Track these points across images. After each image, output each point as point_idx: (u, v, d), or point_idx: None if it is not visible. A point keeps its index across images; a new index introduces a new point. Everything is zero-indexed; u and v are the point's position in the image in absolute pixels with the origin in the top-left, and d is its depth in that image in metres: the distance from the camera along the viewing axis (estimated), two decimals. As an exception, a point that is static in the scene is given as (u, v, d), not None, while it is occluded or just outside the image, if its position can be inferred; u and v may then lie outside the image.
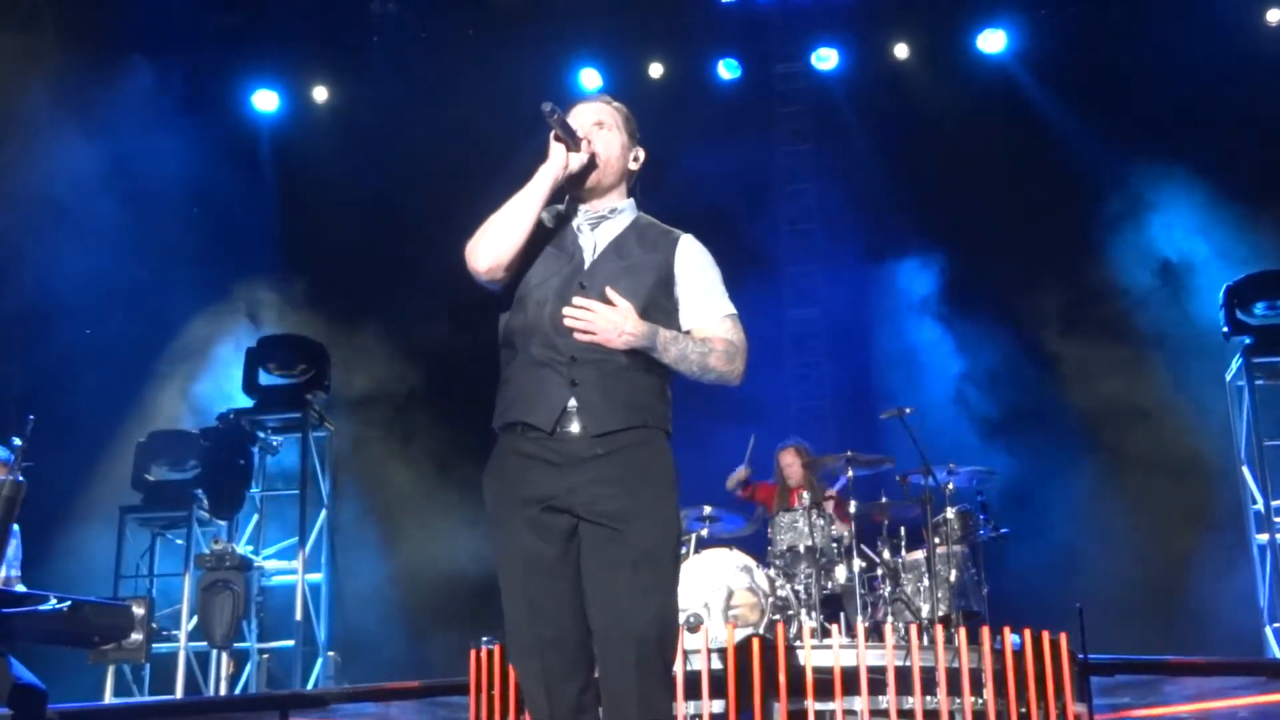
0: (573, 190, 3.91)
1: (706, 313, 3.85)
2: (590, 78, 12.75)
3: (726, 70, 12.87)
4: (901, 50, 12.55)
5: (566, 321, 3.67)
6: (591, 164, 3.86)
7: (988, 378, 11.18)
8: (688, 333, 3.83)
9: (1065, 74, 12.03)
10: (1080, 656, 7.21)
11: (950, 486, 7.99)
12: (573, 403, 3.67)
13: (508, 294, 3.84)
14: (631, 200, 4.00)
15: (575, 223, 3.91)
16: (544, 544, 3.65)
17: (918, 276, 11.80)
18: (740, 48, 12.88)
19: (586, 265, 3.82)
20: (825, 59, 12.79)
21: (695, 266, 3.89)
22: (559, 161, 3.81)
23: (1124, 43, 11.58)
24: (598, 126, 3.90)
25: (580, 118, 3.90)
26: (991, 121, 12.01)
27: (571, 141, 3.80)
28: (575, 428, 3.67)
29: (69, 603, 5.40)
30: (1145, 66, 11.25)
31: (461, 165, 11.94)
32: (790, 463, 9.06)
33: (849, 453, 8.05)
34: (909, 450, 7.83)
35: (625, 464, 3.66)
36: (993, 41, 12.33)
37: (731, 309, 3.89)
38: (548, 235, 3.87)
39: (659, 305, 3.79)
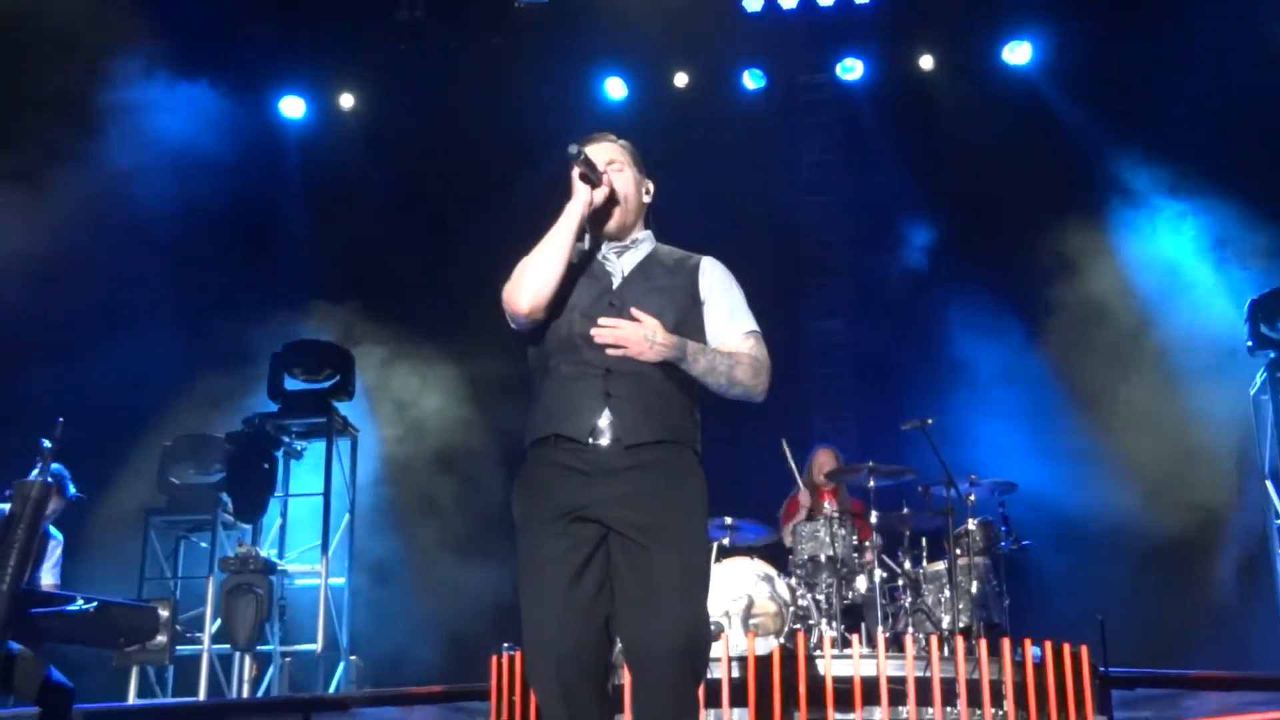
0: (596, 227, 4.00)
1: (731, 330, 3.92)
2: (615, 87, 12.78)
3: (752, 80, 12.88)
4: (927, 61, 12.55)
5: (597, 336, 3.72)
6: (613, 200, 3.97)
7: (1011, 390, 11.16)
8: (714, 348, 3.88)
9: (1091, 86, 11.99)
10: (1101, 669, 7.21)
11: (972, 498, 8.00)
12: (606, 414, 3.73)
13: (541, 328, 3.92)
14: (649, 231, 4.10)
15: (600, 254, 4.02)
16: (571, 554, 3.68)
17: (941, 288, 11.80)
18: (766, 58, 12.88)
19: (615, 286, 3.89)
20: (851, 69, 12.79)
21: (719, 287, 3.97)
22: (584, 198, 3.91)
23: (1150, 54, 11.54)
24: (612, 167, 3.98)
25: (593, 158, 3.98)
26: (1017, 133, 11.98)
27: (595, 178, 3.90)
28: (608, 439, 3.71)
29: (96, 604, 5.45)
30: (1172, 78, 11.20)
31: (487, 173, 12.02)
32: (824, 463, 9.13)
33: (870, 464, 8.06)
34: (931, 461, 7.84)
35: (657, 476, 3.70)
36: (1018, 54, 12.33)
37: (755, 326, 3.97)
38: (576, 267, 3.96)
39: (686, 322, 3.87)
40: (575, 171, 3.91)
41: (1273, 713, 8.38)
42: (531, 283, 3.84)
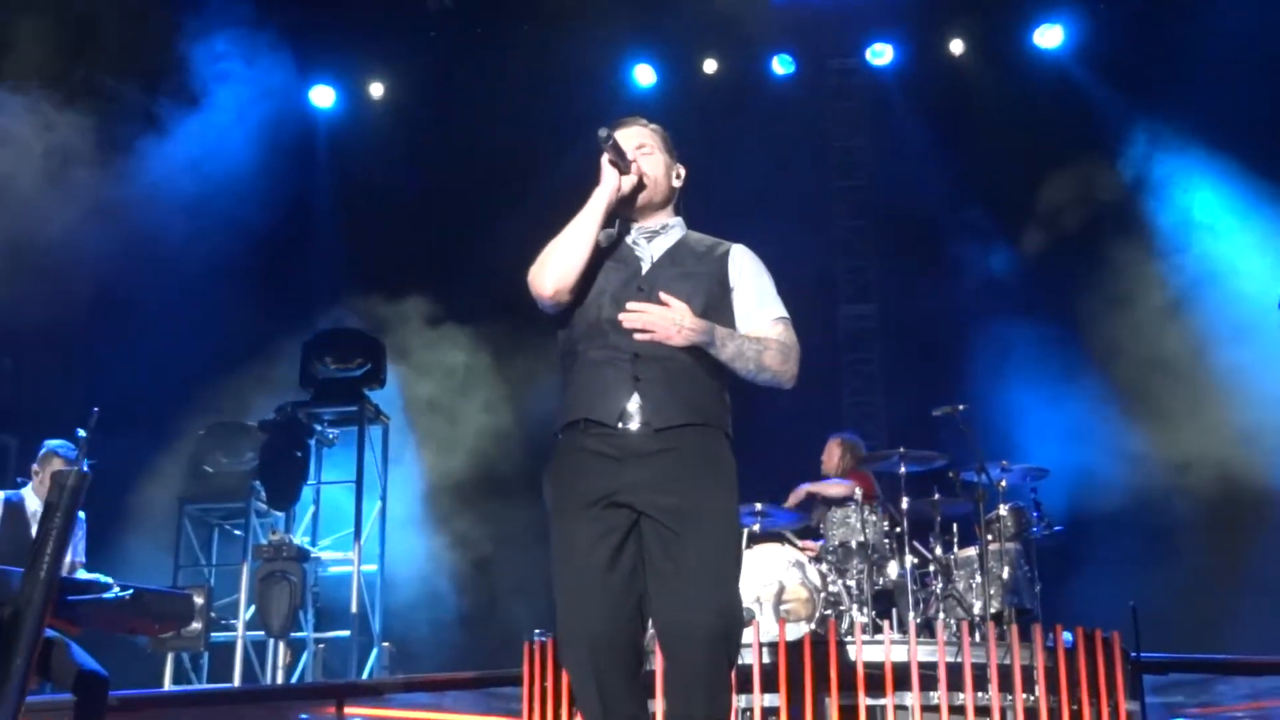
0: (624, 211, 4.00)
1: (760, 316, 3.92)
2: (645, 74, 12.79)
3: (781, 66, 12.87)
4: (957, 46, 12.51)
5: (625, 321, 3.72)
6: (641, 184, 3.96)
7: (1044, 374, 11.12)
8: (742, 333, 3.88)
9: (1124, 69, 11.91)
10: (1133, 655, 7.19)
11: (1003, 483, 7.96)
12: (635, 398, 3.73)
13: (569, 312, 3.92)
14: (680, 218, 4.09)
15: (630, 239, 4.01)
16: (603, 540, 3.69)
17: (973, 273, 11.76)
18: (795, 43, 12.87)
19: (644, 272, 3.90)
20: (880, 55, 12.77)
21: (748, 273, 3.97)
22: (612, 184, 3.91)
23: (1183, 36, 11.46)
24: (642, 151, 3.98)
25: (623, 143, 3.97)
26: (1049, 117, 11.94)
27: (623, 164, 3.89)
28: (637, 423, 3.72)
29: (131, 590, 5.50)
30: (1204, 60, 11.12)
31: (517, 160, 12.03)
32: (831, 454, 9.13)
33: (901, 449, 8.04)
34: (962, 447, 7.82)
35: (687, 460, 3.71)
36: (1050, 37, 12.28)
37: (784, 312, 3.96)
38: (605, 252, 3.95)
39: (715, 308, 3.87)
40: (604, 157, 3.91)
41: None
42: (556, 266, 3.84)
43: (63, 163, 9.90)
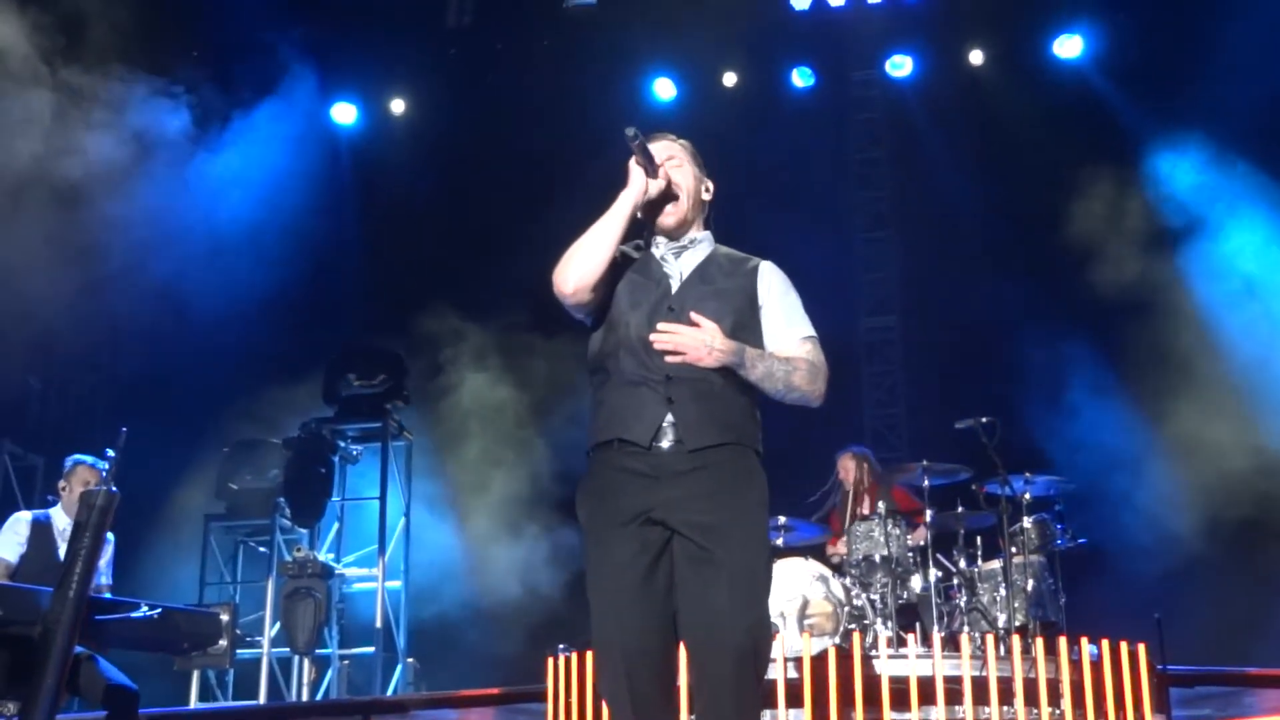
0: (650, 218, 4.01)
1: (788, 335, 3.94)
2: (664, 87, 12.82)
3: (800, 78, 12.88)
4: (977, 57, 12.50)
5: (656, 343, 3.74)
6: (670, 194, 3.98)
7: (1067, 386, 11.09)
8: (771, 353, 3.89)
9: (1143, 80, 11.88)
10: (1160, 667, 7.17)
11: (1027, 496, 7.95)
12: (669, 418, 3.75)
13: (596, 320, 3.94)
14: (709, 232, 4.10)
15: (659, 254, 4.02)
16: (637, 558, 3.71)
17: (995, 284, 11.73)
18: (814, 56, 12.88)
19: (674, 290, 3.91)
20: (900, 66, 12.78)
21: (777, 291, 3.99)
22: (639, 186, 3.92)
23: (1203, 46, 11.44)
24: (671, 163, 4.00)
25: (653, 154, 3.97)
26: (1068, 127, 11.91)
27: (650, 167, 3.90)
28: (670, 441, 3.74)
29: (159, 610, 5.52)
30: (1224, 70, 11.09)
31: (537, 175, 12.06)
32: (846, 469, 9.13)
33: (925, 462, 8.03)
34: (985, 459, 7.80)
35: (719, 478, 3.73)
36: (1069, 47, 12.26)
37: (812, 331, 3.97)
38: (633, 266, 3.97)
39: (744, 326, 3.89)
40: (631, 159, 3.91)
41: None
42: (578, 265, 3.85)
43: (85, 182, 9.95)
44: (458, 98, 13.00)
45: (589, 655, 7.07)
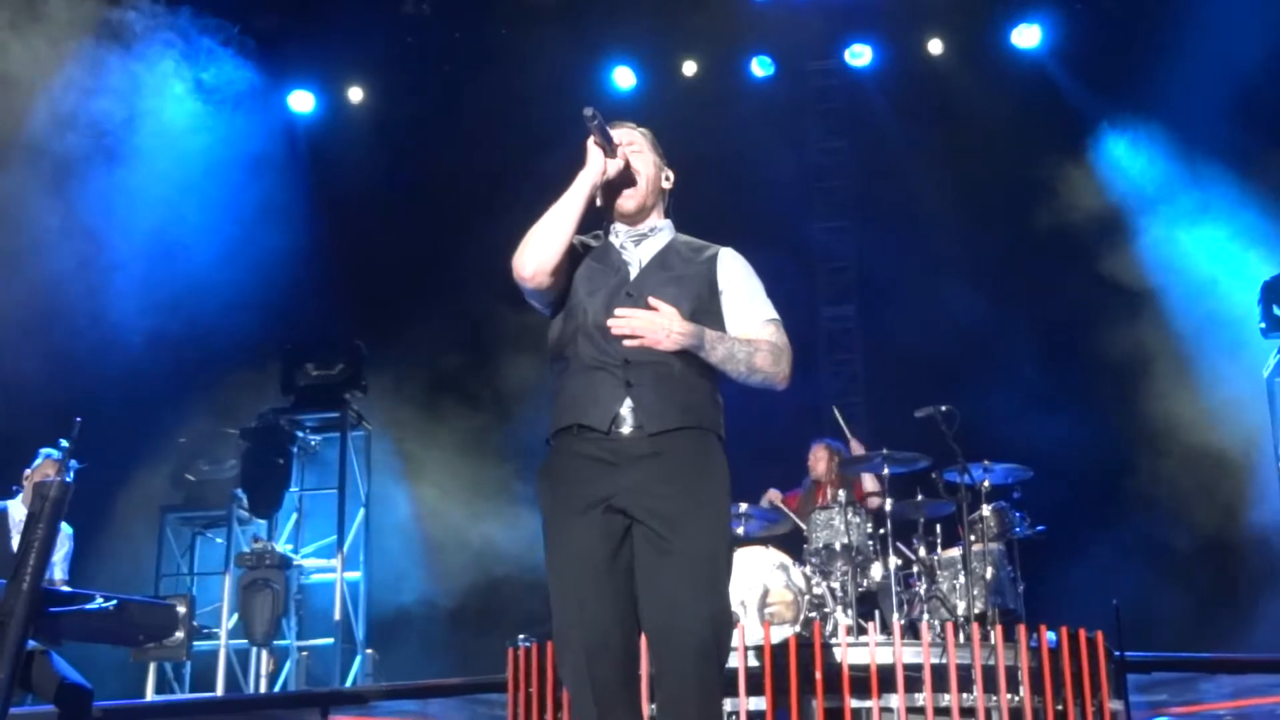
0: (610, 202, 3.99)
1: (750, 318, 3.92)
2: (624, 76, 12.79)
3: (760, 68, 12.88)
4: (935, 46, 12.53)
5: (614, 328, 3.72)
6: (629, 178, 3.95)
7: (1025, 376, 11.15)
8: (732, 335, 3.88)
9: (1101, 69, 11.95)
10: (1117, 654, 7.21)
11: (986, 484, 7.98)
12: (628, 403, 3.74)
13: (554, 309, 3.92)
14: (669, 221, 4.08)
15: (618, 242, 4.00)
16: (598, 545, 3.70)
17: (954, 274, 11.78)
18: (774, 45, 12.87)
19: (632, 277, 3.90)
20: (859, 56, 12.78)
21: (737, 276, 3.97)
22: (597, 166, 3.89)
23: (1160, 38, 11.50)
24: (631, 148, 3.99)
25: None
26: (1027, 117, 11.96)
27: (609, 148, 3.87)
28: (629, 427, 3.72)
29: (115, 601, 5.47)
30: (1182, 60, 11.16)
31: (496, 164, 12.01)
32: (818, 459, 9.15)
33: (884, 450, 8.05)
34: (945, 448, 7.82)
35: (679, 464, 3.72)
36: (1027, 37, 12.29)
37: (774, 314, 3.96)
38: (592, 254, 3.95)
39: (705, 311, 3.87)
40: (590, 139, 3.88)
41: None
42: (536, 247, 3.82)
43: (41, 171, 9.85)
44: (416, 86, 12.92)
45: (549, 646, 7.06)
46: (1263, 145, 10.87)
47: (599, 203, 3.99)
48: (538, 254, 3.82)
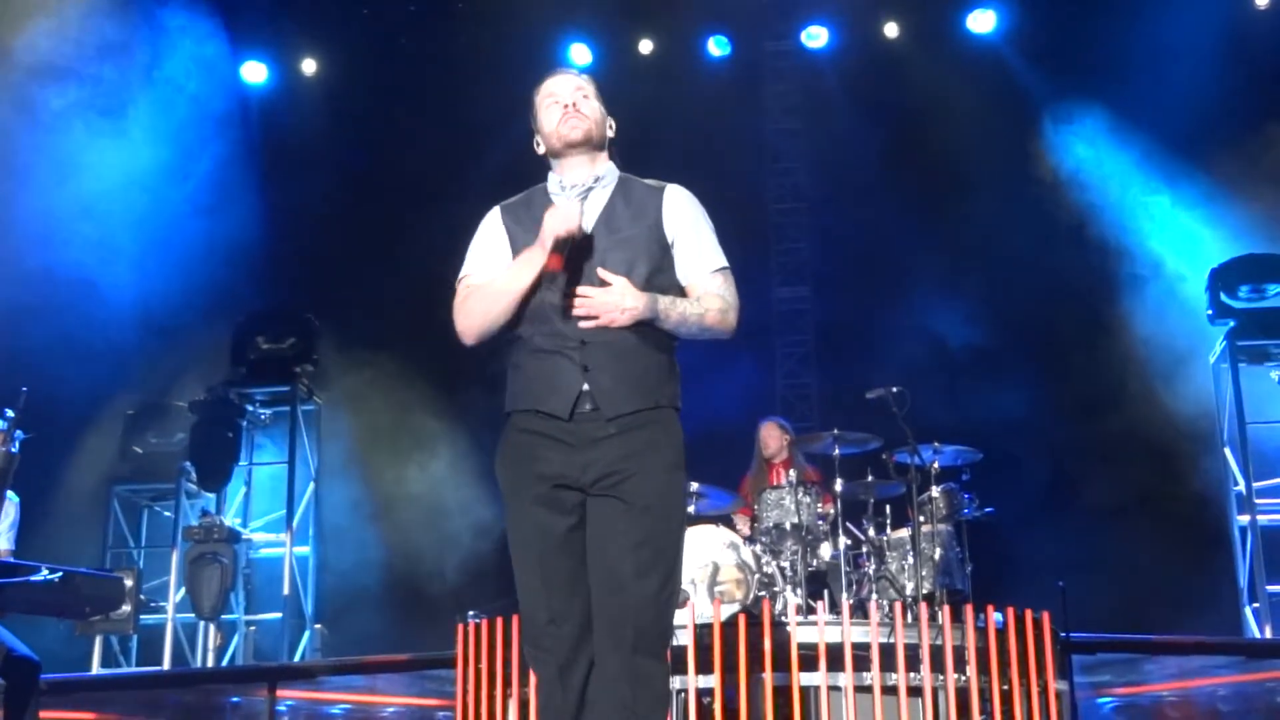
0: (560, 154, 3.94)
1: (699, 267, 3.91)
2: (580, 53, 12.73)
3: (717, 47, 12.85)
4: (891, 29, 12.55)
5: (574, 312, 3.71)
6: (588, 140, 3.92)
7: (974, 358, 11.23)
8: (682, 292, 3.87)
9: (1054, 55, 12.02)
10: (1062, 635, 7.28)
11: (935, 465, 8.03)
12: (586, 387, 3.73)
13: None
14: (612, 164, 4.03)
15: (562, 201, 3.91)
16: (555, 520, 3.72)
17: (907, 255, 11.83)
18: (730, 24, 12.85)
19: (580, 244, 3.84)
20: (815, 37, 12.78)
21: (685, 220, 3.94)
22: (546, 256, 3.77)
23: (1113, 25, 11.59)
24: (581, 95, 3.95)
25: (563, 88, 3.95)
26: (982, 101, 12.01)
27: (569, 240, 3.77)
28: (587, 409, 3.72)
29: (60, 573, 5.43)
30: (1136, 47, 11.25)
31: (450, 138, 11.96)
32: (769, 436, 9.16)
33: (835, 431, 8.08)
34: (895, 429, 7.86)
35: (637, 442, 3.73)
36: (982, 21, 12.34)
37: (723, 262, 3.96)
38: (536, 226, 3.84)
39: (659, 270, 3.86)
40: (555, 226, 3.74)
41: (1229, 676, 8.50)
42: (480, 320, 3.85)
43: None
44: (371, 59, 12.81)
45: (499, 622, 7.06)
46: (1213, 132, 10.97)
47: (540, 150, 4.00)
48: (480, 326, 3.86)
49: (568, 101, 3.91)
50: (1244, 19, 11.68)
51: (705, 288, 3.89)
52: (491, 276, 3.89)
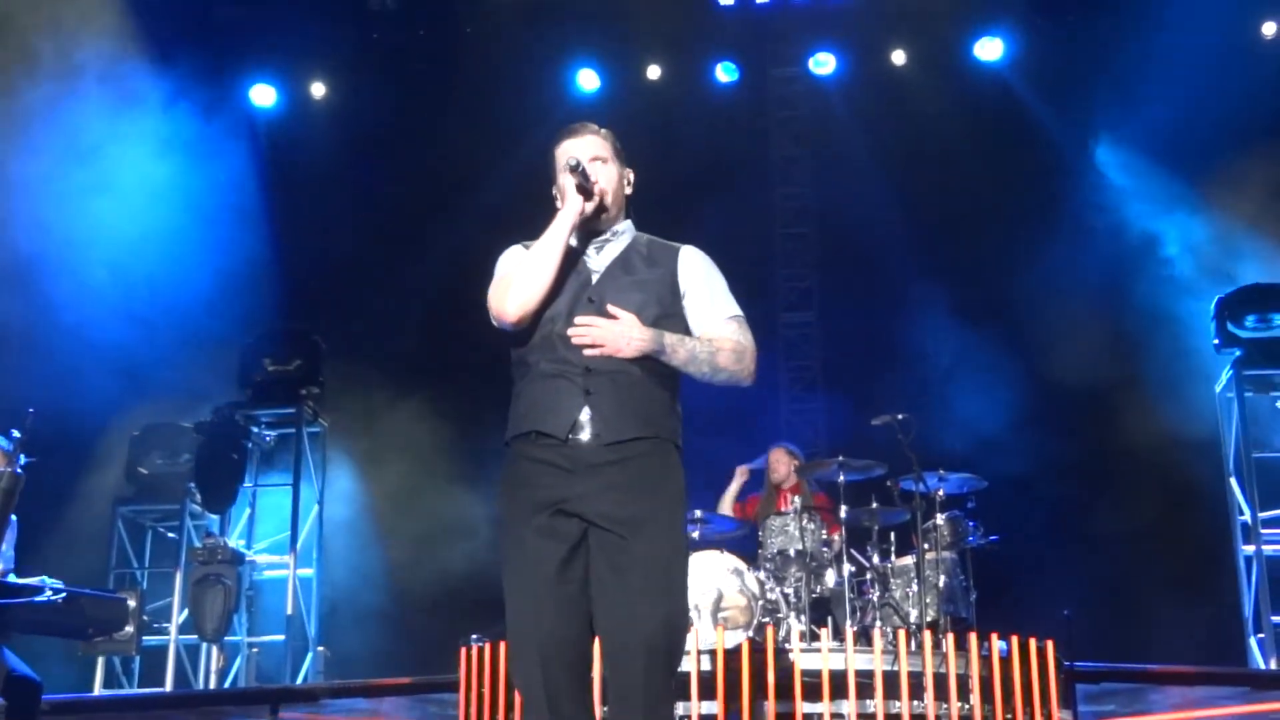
0: (580, 229, 3.97)
1: (712, 315, 3.93)
2: (588, 78, 12.77)
3: (724, 73, 12.88)
4: (899, 56, 12.58)
5: (574, 337, 3.73)
6: (601, 205, 3.94)
7: (980, 386, 11.21)
8: (693, 337, 3.89)
9: (1062, 82, 12.06)
10: (1066, 664, 7.26)
11: (940, 493, 8.02)
12: (586, 412, 3.74)
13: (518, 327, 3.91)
14: (629, 221, 4.08)
15: (580, 248, 3.97)
16: (553, 550, 3.70)
17: (913, 282, 11.83)
18: (739, 51, 12.90)
19: (594, 282, 3.89)
20: (823, 64, 12.82)
21: (699, 275, 3.98)
22: (576, 208, 3.87)
23: (1122, 51, 11.62)
24: (598, 162, 3.98)
25: (578, 152, 3.96)
26: (988, 129, 12.04)
27: (589, 189, 3.88)
28: (587, 435, 3.73)
29: (64, 594, 5.43)
30: (1143, 75, 11.28)
31: (458, 163, 11.98)
32: (778, 461, 9.15)
33: (840, 457, 8.07)
34: (901, 455, 7.86)
35: (636, 472, 3.72)
36: (990, 49, 12.37)
37: (737, 311, 3.98)
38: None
39: (668, 315, 3.88)
40: (573, 182, 3.86)
41: (1233, 707, 8.47)
42: (521, 291, 3.82)
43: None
44: (380, 83, 12.86)
45: (502, 646, 7.05)
46: (1219, 160, 10.97)
47: (560, 205, 4.00)
48: (521, 298, 3.83)
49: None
50: (1250, 47, 11.71)
51: (719, 333, 3.92)
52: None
